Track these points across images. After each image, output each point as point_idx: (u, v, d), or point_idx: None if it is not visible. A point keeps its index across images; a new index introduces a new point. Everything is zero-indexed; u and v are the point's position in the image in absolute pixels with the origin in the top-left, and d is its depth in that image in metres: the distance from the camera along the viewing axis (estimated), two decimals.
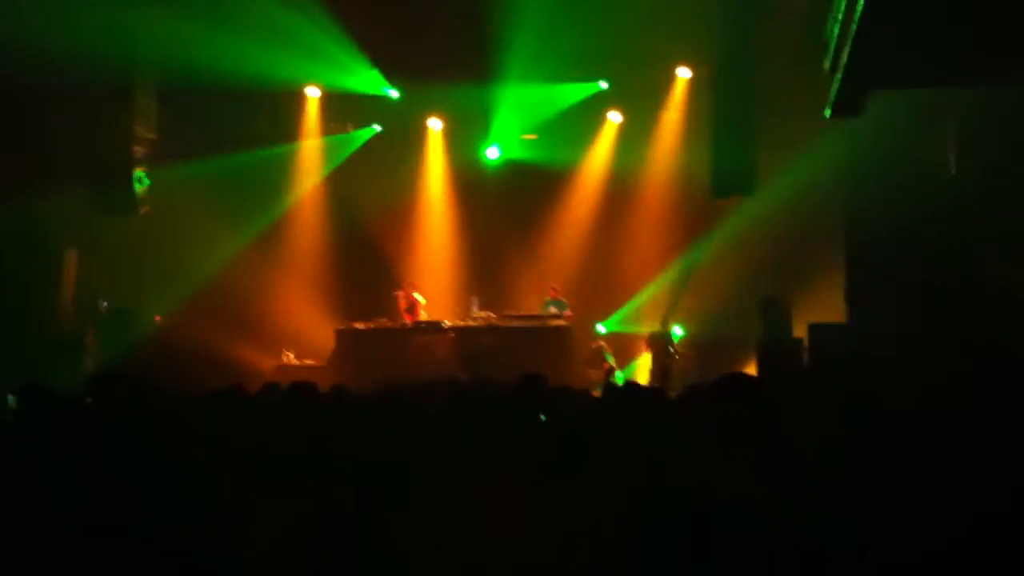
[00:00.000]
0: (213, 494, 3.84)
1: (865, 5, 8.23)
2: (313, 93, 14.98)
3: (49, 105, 12.28)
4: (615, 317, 14.99)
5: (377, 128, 15.57)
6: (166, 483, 2.94)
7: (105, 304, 13.25)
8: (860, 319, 11.56)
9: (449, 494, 2.86)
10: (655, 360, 13.64)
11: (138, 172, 12.61)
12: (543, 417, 2.75)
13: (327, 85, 14.71)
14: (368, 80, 14.42)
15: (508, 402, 3.03)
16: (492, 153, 15.68)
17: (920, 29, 8.45)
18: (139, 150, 12.70)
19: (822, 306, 12.15)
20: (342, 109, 15.22)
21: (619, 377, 13.60)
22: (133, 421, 3.78)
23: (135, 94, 12.61)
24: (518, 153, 15.60)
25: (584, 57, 13.61)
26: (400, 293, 14.47)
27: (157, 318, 13.64)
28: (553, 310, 14.21)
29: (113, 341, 12.59)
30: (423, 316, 14.34)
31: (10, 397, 6.05)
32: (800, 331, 11.72)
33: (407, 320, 14.25)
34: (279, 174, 15.26)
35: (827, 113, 9.39)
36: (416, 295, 14.55)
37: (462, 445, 3.65)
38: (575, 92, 14.74)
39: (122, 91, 12.46)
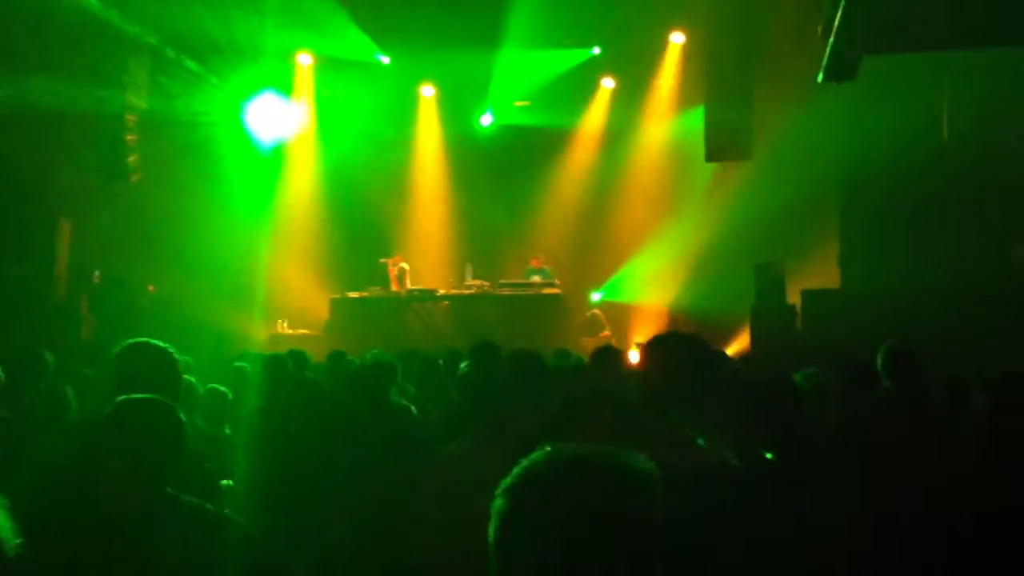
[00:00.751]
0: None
1: None
2: (305, 60, 14.86)
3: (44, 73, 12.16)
4: (609, 284, 15.00)
5: (371, 96, 15.47)
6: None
7: (98, 274, 13.21)
8: (853, 285, 11.61)
9: (448, 462, 2.87)
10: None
11: (129, 140, 12.53)
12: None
13: (319, 52, 14.58)
14: (360, 47, 14.30)
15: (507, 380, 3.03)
16: (485, 120, 15.61)
17: None
18: (130, 118, 12.60)
19: (816, 272, 12.18)
20: (334, 76, 15.11)
21: None
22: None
23: (127, 62, 12.48)
24: (511, 120, 15.54)
25: (577, 23, 13.50)
26: (389, 261, 14.43)
27: (150, 287, 13.62)
28: (536, 279, 14.09)
29: (106, 311, 12.58)
30: (409, 284, 14.30)
31: None
32: (794, 297, 11.76)
33: (397, 288, 14.22)
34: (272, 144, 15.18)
35: (820, 78, 9.34)
36: (403, 263, 14.49)
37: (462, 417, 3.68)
38: (568, 58, 14.64)
39: (114, 57, 12.33)
